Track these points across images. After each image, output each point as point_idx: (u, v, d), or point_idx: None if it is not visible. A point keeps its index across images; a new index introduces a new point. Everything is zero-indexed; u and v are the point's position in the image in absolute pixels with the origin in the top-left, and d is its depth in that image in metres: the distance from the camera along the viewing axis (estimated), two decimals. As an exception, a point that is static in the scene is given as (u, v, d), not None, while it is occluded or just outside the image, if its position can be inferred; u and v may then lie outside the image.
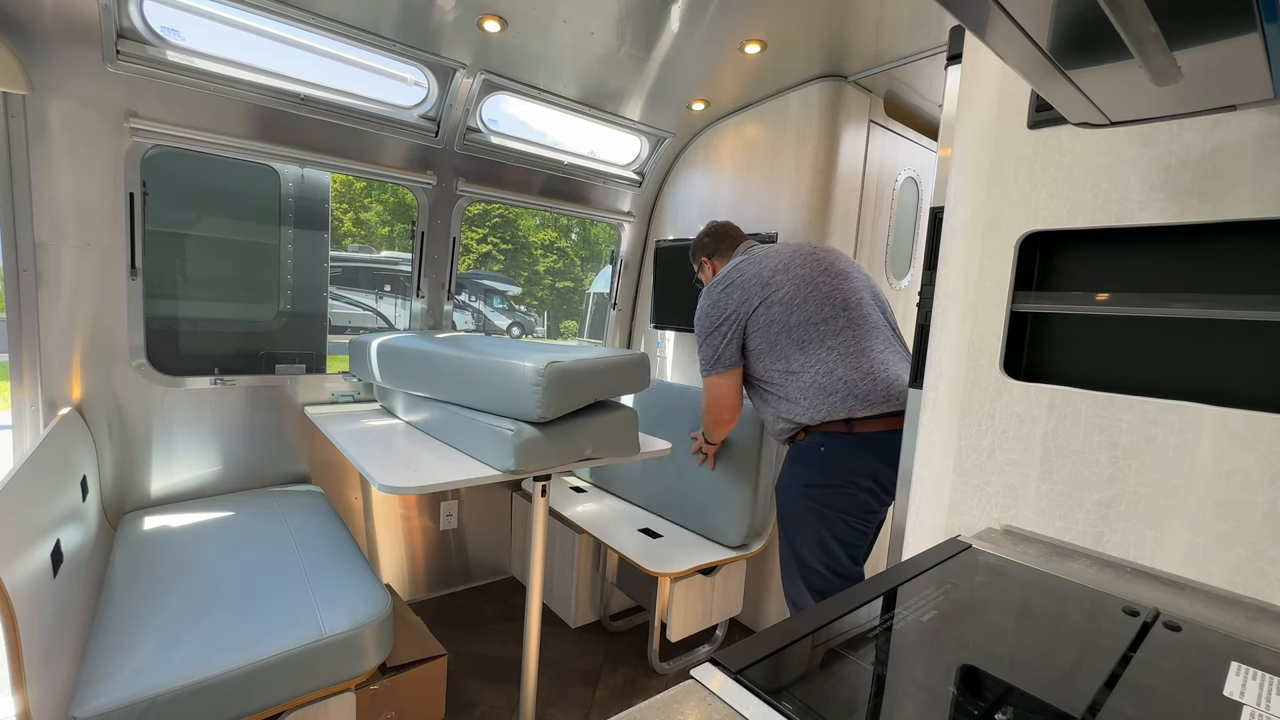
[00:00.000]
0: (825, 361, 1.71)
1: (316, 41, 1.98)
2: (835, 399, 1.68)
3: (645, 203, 3.08)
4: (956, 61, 1.13)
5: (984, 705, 0.61)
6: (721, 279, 1.87)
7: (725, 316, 1.81)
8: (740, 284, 1.81)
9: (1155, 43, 0.50)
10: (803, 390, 1.72)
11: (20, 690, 0.99)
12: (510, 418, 1.60)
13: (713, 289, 1.86)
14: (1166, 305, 0.92)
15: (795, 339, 1.74)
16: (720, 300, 1.83)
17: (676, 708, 0.56)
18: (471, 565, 2.87)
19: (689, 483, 2.43)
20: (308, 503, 2.16)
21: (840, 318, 1.75)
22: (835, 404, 1.68)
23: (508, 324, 9.88)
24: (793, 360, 1.74)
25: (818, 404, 1.69)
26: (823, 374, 1.70)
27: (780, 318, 1.75)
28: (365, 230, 9.64)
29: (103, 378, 1.95)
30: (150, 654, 1.28)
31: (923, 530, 1.17)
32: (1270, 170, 0.80)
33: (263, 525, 1.93)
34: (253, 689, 1.30)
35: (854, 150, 2.39)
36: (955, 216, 1.12)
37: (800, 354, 1.73)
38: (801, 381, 1.72)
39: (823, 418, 1.69)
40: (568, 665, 2.29)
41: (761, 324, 1.77)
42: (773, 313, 1.76)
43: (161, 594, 1.51)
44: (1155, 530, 0.90)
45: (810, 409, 1.71)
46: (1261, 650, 0.70)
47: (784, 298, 1.76)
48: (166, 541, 1.80)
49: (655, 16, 1.90)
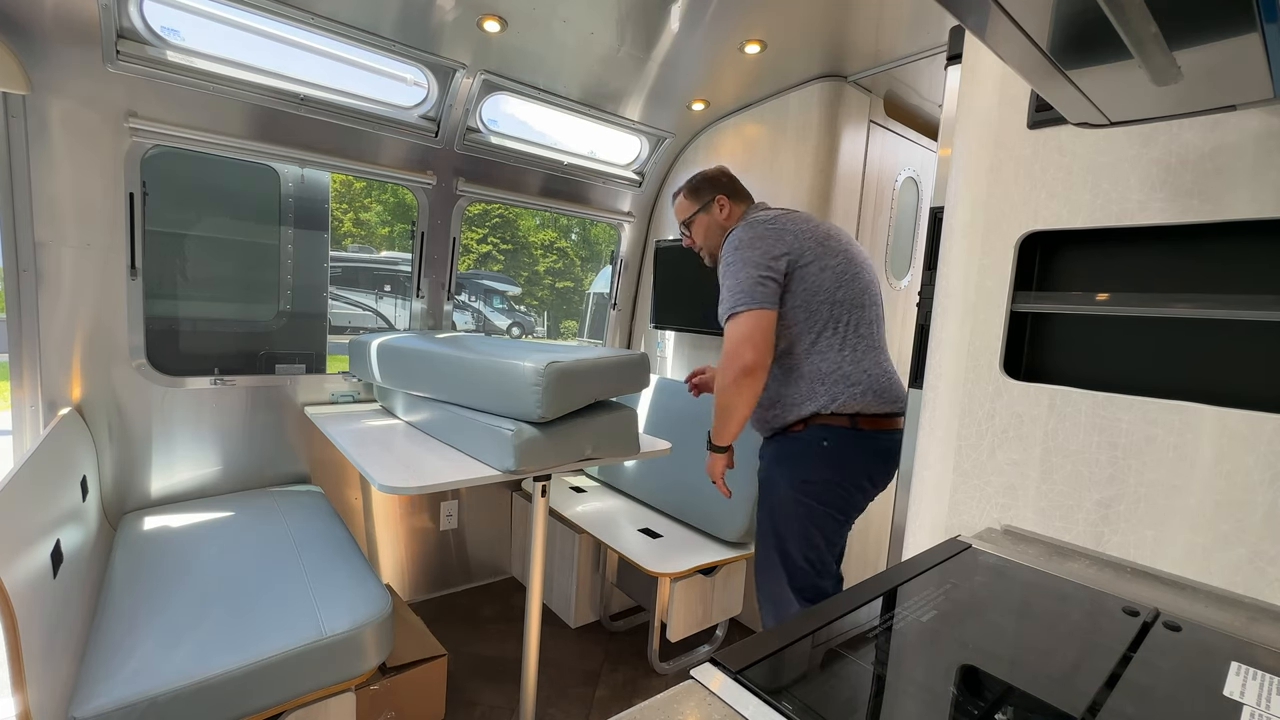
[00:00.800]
0: (856, 349, 1.61)
1: (316, 41, 1.98)
2: (857, 390, 1.58)
3: (645, 203, 3.08)
4: (956, 61, 1.13)
5: (984, 705, 0.61)
6: (770, 219, 1.64)
7: (777, 254, 1.57)
8: (795, 231, 1.61)
9: (1155, 43, 0.50)
10: (822, 373, 1.59)
11: (20, 690, 0.99)
12: (510, 418, 1.60)
13: (756, 224, 1.63)
14: (1166, 305, 0.92)
15: (835, 316, 1.60)
16: (770, 236, 1.59)
17: (676, 708, 0.56)
18: (471, 565, 2.87)
19: (691, 476, 2.43)
20: (307, 503, 2.16)
21: (872, 309, 1.68)
22: (855, 395, 1.58)
23: (508, 324, 9.89)
24: (823, 337, 1.60)
25: (836, 391, 1.58)
26: (849, 361, 1.60)
27: (829, 286, 1.60)
28: (365, 230, 9.64)
29: (103, 378, 1.95)
30: (150, 654, 1.28)
31: (923, 530, 1.17)
32: (1270, 170, 0.80)
33: (263, 525, 1.93)
34: (253, 689, 1.30)
35: (854, 150, 2.39)
36: (955, 216, 1.12)
37: (833, 333, 1.60)
38: (825, 363, 1.59)
39: (836, 407, 1.57)
40: (568, 665, 2.29)
41: (810, 283, 1.59)
42: (824, 277, 1.60)
43: (161, 594, 1.51)
44: (1155, 530, 0.90)
45: (826, 394, 1.58)
46: (1262, 650, 0.70)
47: (837, 266, 1.62)
48: (166, 542, 1.80)
49: (655, 16, 1.90)
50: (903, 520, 1.21)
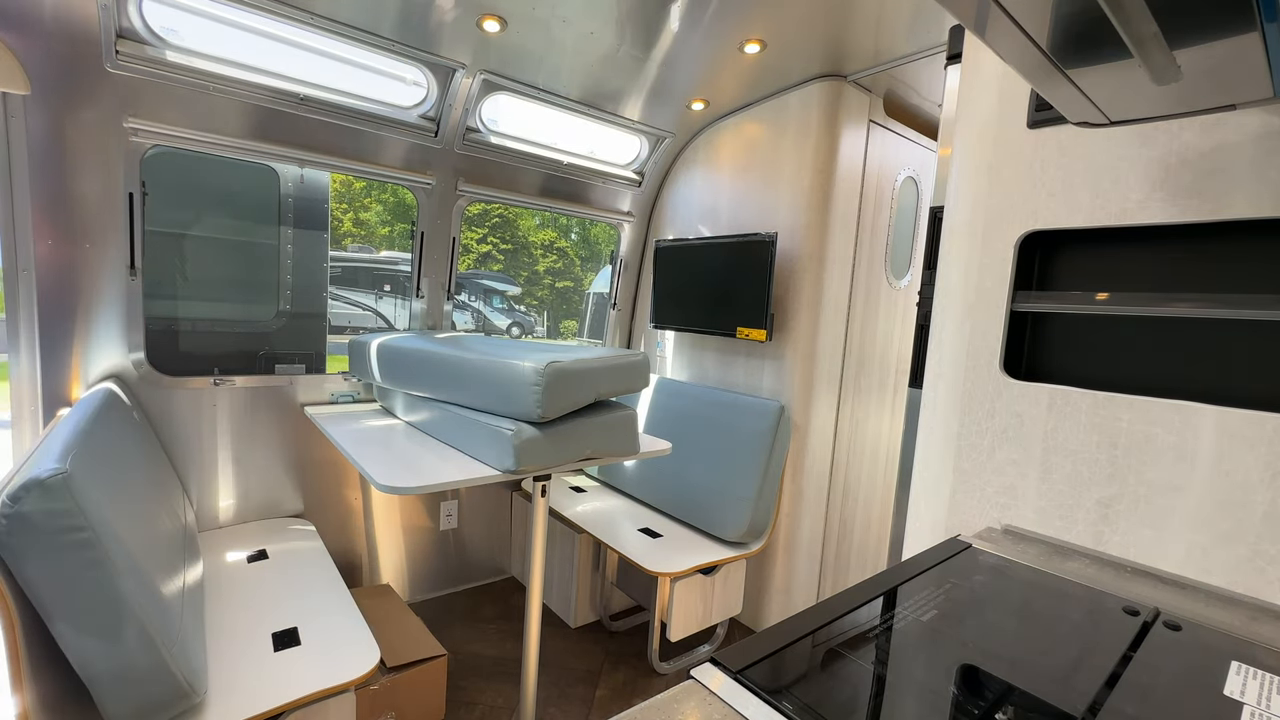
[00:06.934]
0: None
1: (316, 41, 1.97)
2: None
3: (645, 202, 3.08)
4: (956, 61, 1.13)
5: (984, 705, 0.61)
6: None
7: None
8: None
9: (1155, 42, 0.50)
10: None
11: (20, 690, 0.99)
12: (510, 418, 1.60)
13: None
14: (1166, 305, 0.92)
15: None
16: None
17: (676, 708, 0.56)
18: (471, 565, 2.87)
19: (692, 474, 2.43)
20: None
21: None
22: None
23: (507, 324, 9.88)
24: None
25: None
26: None
27: None
28: (365, 230, 9.63)
29: (102, 378, 1.95)
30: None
31: (923, 530, 1.17)
32: (1270, 170, 0.80)
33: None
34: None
35: (854, 150, 2.39)
36: (955, 216, 1.12)
37: None
38: None
39: None
40: (568, 665, 2.29)
41: None
42: None
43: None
44: (1155, 530, 0.90)
45: None
46: (1262, 649, 0.70)
47: None
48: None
49: (655, 16, 1.90)
50: (903, 520, 1.21)
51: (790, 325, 2.41)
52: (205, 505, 2.17)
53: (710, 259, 2.58)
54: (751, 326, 2.38)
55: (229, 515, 2.22)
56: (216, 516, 2.19)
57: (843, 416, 2.54)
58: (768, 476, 2.29)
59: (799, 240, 2.37)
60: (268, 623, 1.57)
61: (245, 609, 1.63)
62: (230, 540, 2.07)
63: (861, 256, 2.49)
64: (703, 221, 2.80)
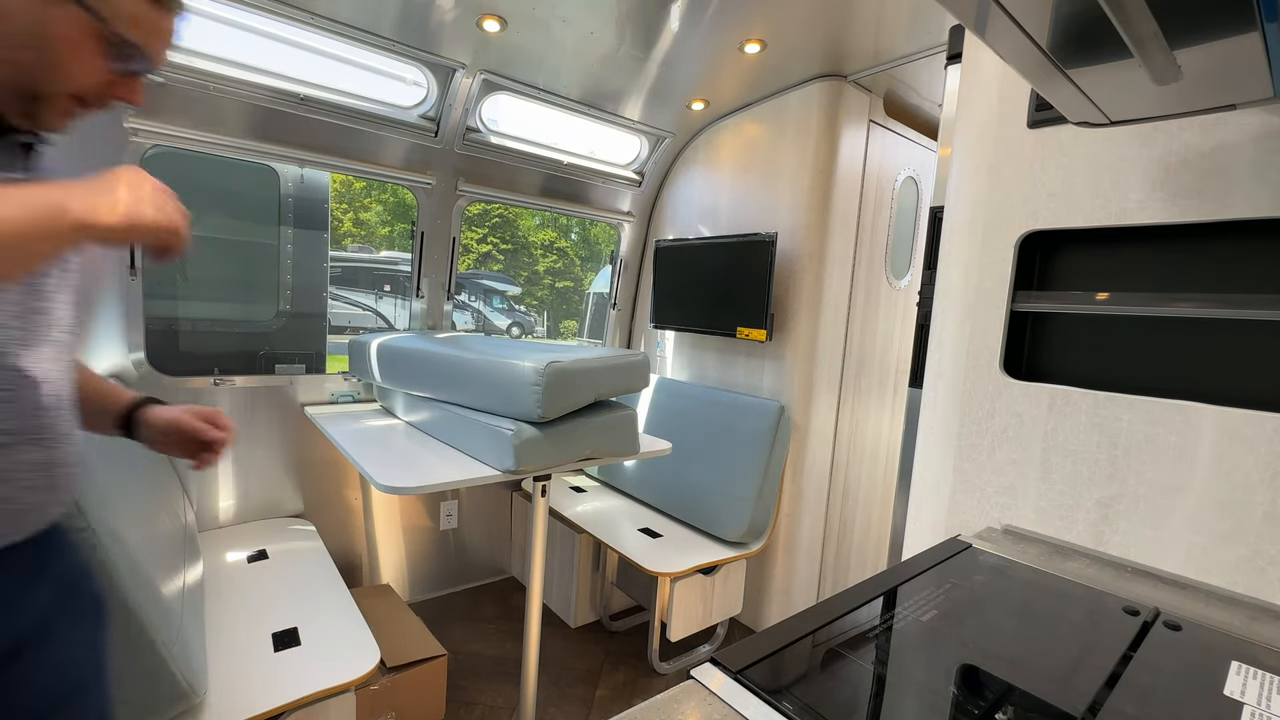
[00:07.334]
0: None
1: (316, 41, 1.97)
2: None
3: (645, 202, 3.08)
4: (956, 61, 1.13)
5: (984, 705, 0.61)
6: None
7: None
8: None
9: (1155, 42, 0.50)
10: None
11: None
12: (510, 418, 1.60)
13: None
14: (1166, 305, 0.92)
15: None
16: None
17: (676, 708, 0.56)
18: (471, 565, 2.87)
19: (692, 474, 2.43)
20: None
21: None
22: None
23: (507, 324, 9.88)
24: None
25: None
26: None
27: None
28: (365, 230, 9.63)
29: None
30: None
31: (923, 530, 1.17)
32: (1270, 170, 0.80)
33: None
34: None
35: (854, 150, 2.38)
36: (955, 216, 1.12)
37: None
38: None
39: None
40: (568, 665, 2.29)
41: None
42: None
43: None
44: (1155, 530, 0.90)
45: None
46: (1262, 649, 0.70)
47: None
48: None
49: (655, 16, 1.90)
50: (903, 520, 1.21)
51: (790, 325, 2.41)
52: (205, 505, 2.17)
53: (710, 259, 2.58)
54: (751, 326, 2.38)
55: (229, 515, 2.22)
56: (216, 516, 2.19)
57: (843, 416, 2.53)
58: (768, 476, 2.29)
59: (799, 240, 2.37)
60: (268, 623, 1.57)
61: (245, 609, 1.63)
62: (230, 540, 2.07)
63: (861, 256, 2.49)
64: (703, 221, 2.80)
